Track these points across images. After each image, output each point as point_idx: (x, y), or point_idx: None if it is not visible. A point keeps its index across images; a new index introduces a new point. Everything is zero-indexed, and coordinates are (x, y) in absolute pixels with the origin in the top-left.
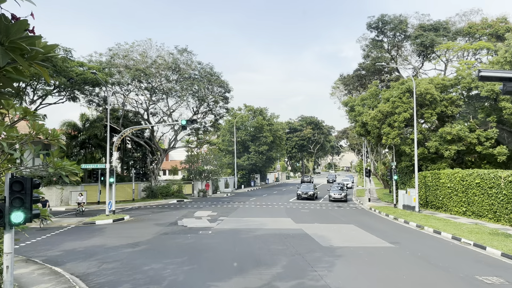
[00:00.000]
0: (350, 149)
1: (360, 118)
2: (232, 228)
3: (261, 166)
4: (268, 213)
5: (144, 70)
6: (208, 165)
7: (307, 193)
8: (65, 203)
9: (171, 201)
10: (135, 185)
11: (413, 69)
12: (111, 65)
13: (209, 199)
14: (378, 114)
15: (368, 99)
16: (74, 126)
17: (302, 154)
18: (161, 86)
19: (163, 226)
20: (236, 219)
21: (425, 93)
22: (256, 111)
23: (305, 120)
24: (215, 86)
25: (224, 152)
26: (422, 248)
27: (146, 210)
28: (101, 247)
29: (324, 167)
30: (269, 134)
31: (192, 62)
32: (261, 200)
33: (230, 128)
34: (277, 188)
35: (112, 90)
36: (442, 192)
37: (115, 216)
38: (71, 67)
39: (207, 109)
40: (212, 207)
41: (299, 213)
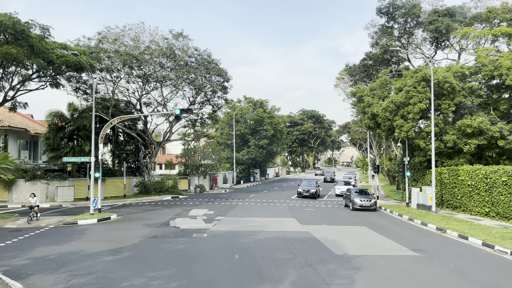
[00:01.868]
0: (352, 144)
1: (369, 109)
2: (230, 230)
3: (261, 161)
4: (270, 212)
5: (136, 56)
6: (206, 159)
7: (309, 191)
8: (51, 199)
9: (165, 197)
10: (126, 180)
11: (424, 59)
12: (99, 49)
13: (206, 195)
14: (390, 105)
15: (377, 89)
16: (61, 116)
17: (303, 148)
18: (154, 73)
19: (153, 228)
20: (235, 219)
21: (443, 81)
22: (257, 103)
23: (306, 114)
24: (213, 75)
25: (223, 146)
26: (452, 258)
27: (137, 207)
28: (78, 254)
29: (324, 162)
30: (270, 127)
31: (189, 48)
32: (262, 196)
33: (229, 121)
34: (277, 184)
35: (99, 75)
36: (461, 190)
37: (100, 215)
38: (52, 48)
39: (205, 99)
40: (209, 205)
41: (304, 213)
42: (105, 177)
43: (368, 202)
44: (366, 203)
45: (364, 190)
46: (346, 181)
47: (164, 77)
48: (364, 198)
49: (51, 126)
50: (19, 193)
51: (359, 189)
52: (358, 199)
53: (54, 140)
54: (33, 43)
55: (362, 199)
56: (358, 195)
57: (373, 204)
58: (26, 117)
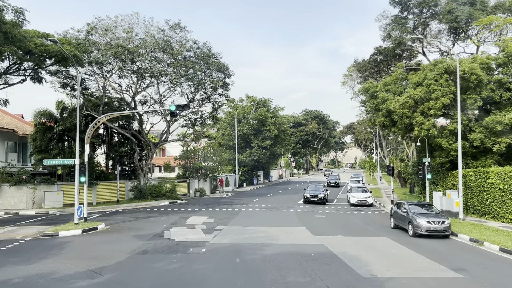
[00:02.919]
0: (356, 145)
1: (384, 106)
2: (232, 243)
3: (265, 163)
4: (277, 220)
5: (128, 48)
6: (206, 161)
7: (317, 196)
8: (38, 205)
9: (162, 202)
10: (120, 184)
11: (440, 52)
12: (88, 41)
13: (206, 200)
14: (409, 100)
15: (392, 85)
16: (49, 115)
17: (307, 150)
18: (150, 68)
19: (144, 240)
20: (238, 229)
21: (469, 73)
22: (259, 102)
23: (309, 114)
24: (213, 70)
25: (224, 147)
26: (505, 282)
27: (130, 214)
28: (48, 277)
29: (327, 164)
30: (274, 128)
31: (187, 41)
32: (266, 201)
33: (231, 121)
34: (282, 187)
35: (88, 70)
36: (490, 194)
37: (86, 225)
38: (30, 37)
39: (204, 96)
40: (209, 211)
41: (314, 220)
42: (97, 181)
43: (440, 224)
44: (438, 226)
45: (426, 204)
46: (363, 187)
47: (160, 72)
48: (434, 219)
49: (38, 126)
50: (3, 199)
51: (418, 202)
52: (424, 220)
53: (41, 141)
54: (6, 30)
55: (431, 220)
56: (421, 213)
57: (447, 227)
58: (16, 117)
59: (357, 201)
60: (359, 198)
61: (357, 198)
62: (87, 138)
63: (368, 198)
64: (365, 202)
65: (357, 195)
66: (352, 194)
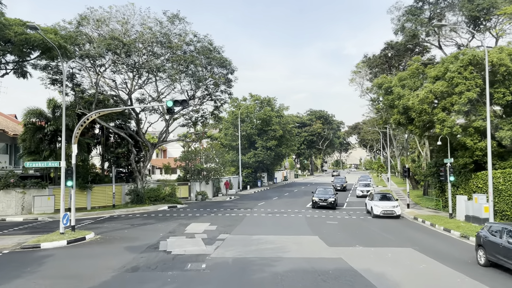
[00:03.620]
0: (362, 145)
1: (400, 102)
2: (237, 256)
3: (269, 164)
4: (285, 227)
5: (122, 40)
6: (208, 162)
7: (326, 200)
8: (28, 211)
9: (161, 207)
10: (116, 188)
11: (456, 46)
12: (78, 33)
13: (208, 204)
14: (429, 95)
15: (407, 79)
16: (40, 114)
17: (311, 150)
18: (147, 63)
19: (137, 253)
20: (243, 238)
21: (498, 65)
22: (263, 101)
23: (314, 114)
24: (214, 66)
25: (227, 148)
26: None
27: (124, 221)
28: None
29: (330, 165)
30: (278, 127)
31: (187, 34)
32: (272, 205)
33: (234, 120)
34: (287, 189)
35: (79, 64)
36: None
37: (73, 235)
38: (10, 25)
39: (205, 93)
40: (211, 217)
41: (327, 228)
42: (91, 184)
43: None
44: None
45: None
46: (386, 194)
47: (158, 68)
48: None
49: (28, 126)
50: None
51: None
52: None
53: (31, 142)
54: None
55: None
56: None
57: None
58: (8, 117)
59: (383, 212)
60: (385, 208)
61: (382, 208)
62: (74, 138)
63: (396, 208)
64: (392, 213)
65: (382, 204)
66: (375, 202)
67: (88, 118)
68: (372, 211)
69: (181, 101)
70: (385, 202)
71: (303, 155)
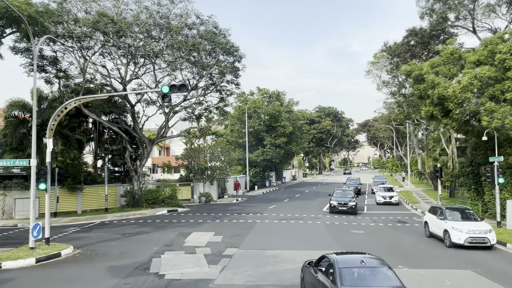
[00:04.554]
0: (372, 144)
1: (435, 91)
2: (249, 284)
3: (278, 163)
4: (303, 237)
5: (112, 18)
6: (213, 161)
7: (346, 204)
8: (8, 215)
9: (159, 211)
10: (110, 189)
11: (491, 30)
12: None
13: (213, 207)
14: (473, 81)
15: (441, 65)
16: (23, 107)
17: (321, 148)
18: (143, 47)
19: (120, 276)
20: (255, 254)
21: None
22: (272, 96)
23: (323, 111)
24: (220, 54)
25: (233, 145)
26: None
27: (115, 229)
28: None
29: (338, 163)
30: (288, 124)
31: (188, 15)
32: (284, 208)
33: (241, 116)
34: (297, 190)
35: (57, 46)
36: None
37: (45, 250)
38: None
39: (210, 83)
40: (216, 224)
41: (354, 239)
42: (82, 185)
43: None
44: None
45: None
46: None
47: (156, 53)
48: None
49: (9, 120)
50: None
51: None
52: None
53: (13, 137)
54: None
55: None
56: None
57: None
58: None
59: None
60: (473, 234)
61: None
62: (49, 131)
63: (489, 233)
64: (483, 242)
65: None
66: (453, 224)
67: (66, 106)
68: (449, 237)
69: (179, 85)
70: (469, 223)
71: (312, 153)
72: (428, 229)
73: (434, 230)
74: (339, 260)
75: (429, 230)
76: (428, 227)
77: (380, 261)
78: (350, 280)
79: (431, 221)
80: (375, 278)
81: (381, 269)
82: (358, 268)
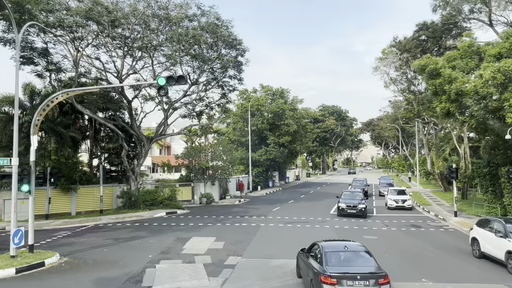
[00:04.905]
0: (376, 143)
1: (452, 86)
2: None
3: (282, 162)
4: None
5: (106, 7)
6: (215, 160)
7: (356, 207)
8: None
9: (157, 213)
10: (107, 190)
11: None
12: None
13: (214, 208)
14: (496, 75)
15: (458, 59)
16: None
17: (324, 148)
18: (140, 39)
19: None
20: (260, 264)
21: None
22: (276, 93)
23: (327, 110)
24: (222, 47)
25: (235, 144)
26: None
27: (109, 233)
28: None
29: (341, 163)
30: (292, 122)
31: (188, 5)
32: (289, 210)
33: (243, 114)
34: (302, 190)
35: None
36: None
37: (28, 259)
38: None
39: (211, 78)
40: (217, 227)
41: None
42: (76, 185)
43: None
44: None
45: None
46: None
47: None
48: None
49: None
50: None
51: None
52: None
53: (3, 135)
54: None
55: None
56: None
57: None
58: None
59: None
60: None
61: None
62: (34, 127)
63: None
64: None
65: None
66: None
67: (53, 100)
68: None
69: (177, 77)
70: None
71: (315, 152)
72: (478, 248)
73: (488, 250)
74: (325, 245)
75: (479, 250)
76: (478, 245)
77: (361, 247)
78: (334, 262)
79: (484, 239)
80: (356, 261)
81: (362, 253)
82: (342, 252)
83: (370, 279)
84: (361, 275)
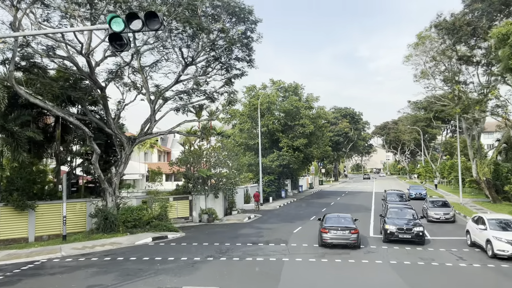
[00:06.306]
0: (391, 147)
1: None
2: None
3: (296, 169)
4: None
5: None
6: (218, 167)
7: (410, 231)
8: None
9: (141, 239)
10: (74, 206)
11: None
12: None
13: (217, 229)
14: None
15: None
16: None
17: (338, 153)
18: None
19: None
20: None
21: None
22: (288, 89)
23: (340, 112)
24: (226, 21)
25: (243, 148)
26: None
27: (53, 282)
28: None
29: (350, 169)
30: (309, 122)
31: None
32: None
33: (251, 113)
34: (320, 202)
35: None
36: None
37: None
38: None
39: (212, 58)
40: (221, 266)
41: None
42: (34, 202)
43: None
44: None
45: None
46: None
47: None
48: None
49: None
50: None
51: None
52: None
53: None
54: None
55: None
56: None
57: None
58: None
59: None
60: None
61: None
62: None
63: None
64: None
65: None
66: None
67: None
68: None
69: (145, 15)
70: None
71: (328, 158)
72: None
73: None
74: (327, 214)
75: None
76: None
77: (348, 215)
78: (329, 222)
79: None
80: (342, 222)
81: (347, 218)
82: (335, 218)
83: None
84: None
